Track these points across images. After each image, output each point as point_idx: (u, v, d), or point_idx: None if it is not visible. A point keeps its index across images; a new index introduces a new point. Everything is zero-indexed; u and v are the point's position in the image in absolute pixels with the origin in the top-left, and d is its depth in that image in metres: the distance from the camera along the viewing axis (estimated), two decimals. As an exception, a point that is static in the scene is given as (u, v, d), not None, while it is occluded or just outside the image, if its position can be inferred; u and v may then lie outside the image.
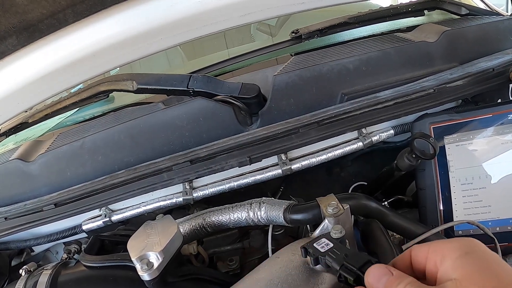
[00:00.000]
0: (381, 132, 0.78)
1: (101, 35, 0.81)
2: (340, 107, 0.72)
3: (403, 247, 0.67)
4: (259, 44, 1.39)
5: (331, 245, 0.48)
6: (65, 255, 0.86)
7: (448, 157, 0.73)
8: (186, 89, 0.83)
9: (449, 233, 0.72)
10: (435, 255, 0.37)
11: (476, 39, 0.87)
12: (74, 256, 0.87)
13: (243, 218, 0.69)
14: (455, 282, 0.33)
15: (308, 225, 0.73)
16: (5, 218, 0.80)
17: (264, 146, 0.73)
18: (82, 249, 0.86)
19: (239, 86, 0.81)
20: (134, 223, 0.84)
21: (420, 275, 0.39)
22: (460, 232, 0.72)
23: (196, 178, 0.75)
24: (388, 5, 1.13)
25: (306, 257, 0.50)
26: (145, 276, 0.58)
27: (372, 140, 0.76)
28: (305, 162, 0.75)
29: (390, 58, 0.81)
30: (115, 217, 0.79)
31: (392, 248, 0.60)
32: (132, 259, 0.59)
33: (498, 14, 1.03)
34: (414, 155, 0.69)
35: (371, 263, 0.42)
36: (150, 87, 0.86)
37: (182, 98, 0.86)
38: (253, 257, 0.83)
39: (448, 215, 0.72)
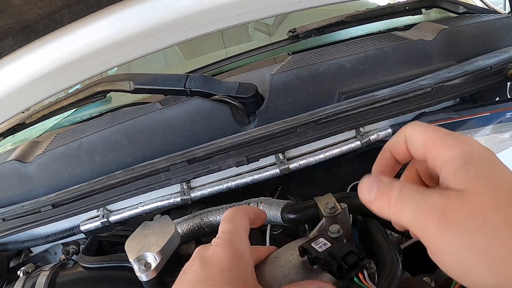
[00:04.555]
0: (379, 131, 0.78)
1: (98, 35, 0.81)
2: (337, 106, 0.72)
3: (402, 246, 0.66)
4: (256, 43, 1.39)
5: (329, 244, 0.48)
6: (63, 256, 0.86)
7: (446, 156, 0.73)
8: (183, 89, 0.83)
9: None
10: (434, 156, 0.32)
11: (473, 38, 0.87)
12: (72, 257, 0.87)
13: (241, 218, 0.69)
14: (461, 195, 0.28)
15: (306, 225, 0.73)
16: (3, 220, 0.80)
17: (262, 146, 0.72)
18: (80, 249, 0.86)
19: (237, 85, 0.81)
20: (132, 224, 0.83)
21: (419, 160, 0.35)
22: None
23: (194, 178, 0.74)
24: (385, 3, 1.13)
25: (304, 257, 0.50)
26: (143, 277, 0.58)
27: (370, 139, 0.76)
28: (303, 162, 0.75)
29: (388, 56, 0.80)
30: (113, 218, 0.79)
31: (390, 248, 0.60)
32: (130, 260, 0.59)
33: (495, 12, 1.03)
34: (412, 154, 0.69)
35: (354, 253, 0.43)
36: (147, 87, 0.86)
37: (179, 98, 0.86)
38: (251, 257, 0.83)
39: (446, 213, 0.72)
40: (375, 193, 0.34)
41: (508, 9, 1.03)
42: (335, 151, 0.76)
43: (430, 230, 0.29)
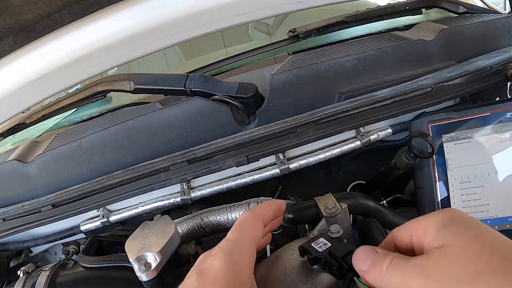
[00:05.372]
0: (379, 131, 0.78)
1: (98, 35, 0.80)
2: (337, 106, 0.72)
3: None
4: (256, 43, 1.39)
5: (329, 244, 0.48)
6: (63, 256, 0.86)
7: (446, 156, 0.73)
8: (183, 89, 0.83)
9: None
10: (418, 230, 0.35)
11: (474, 37, 0.87)
12: (72, 257, 0.87)
13: (241, 218, 0.69)
14: (439, 250, 0.31)
15: (306, 225, 0.73)
16: (3, 219, 0.80)
17: (262, 146, 0.72)
18: (81, 249, 0.86)
19: (237, 85, 0.81)
20: (132, 224, 0.83)
21: (408, 254, 0.38)
22: (458, 230, 0.72)
23: (194, 178, 0.74)
24: (385, 3, 1.13)
25: (304, 257, 0.50)
26: (143, 277, 0.58)
27: (370, 139, 0.76)
28: (303, 162, 0.75)
29: (388, 56, 0.80)
30: (113, 218, 0.79)
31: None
32: (130, 260, 0.59)
33: (496, 12, 1.03)
34: (412, 154, 0.69)
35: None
36: (147, 87, 0.86)
37: (179, 98, 0.86)
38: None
39: (446, 213, 0.72)
40: (369, 264, 0.36)
41: (508, 9, 1.03)
42: (335, 151, 0.76)
43: (414, 286, 0.31)
